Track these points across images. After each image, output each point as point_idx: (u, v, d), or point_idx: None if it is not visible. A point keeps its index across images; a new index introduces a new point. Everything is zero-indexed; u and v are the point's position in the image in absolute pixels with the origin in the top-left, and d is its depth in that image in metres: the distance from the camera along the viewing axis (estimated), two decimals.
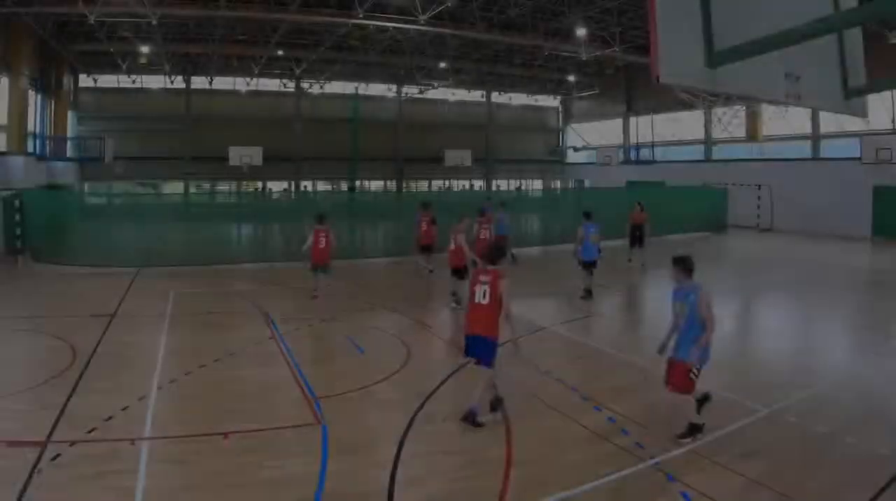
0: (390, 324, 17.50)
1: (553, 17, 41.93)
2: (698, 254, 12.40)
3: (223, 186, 59.41)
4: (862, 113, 8.73)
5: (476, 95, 68.55)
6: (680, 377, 9.73)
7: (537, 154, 72.34)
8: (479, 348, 10.35)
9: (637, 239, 27.61)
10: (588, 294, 20.37)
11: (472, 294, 10.42)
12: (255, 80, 58.86)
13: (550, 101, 72.67)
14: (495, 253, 10.84)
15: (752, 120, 46.22)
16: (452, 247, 19.02)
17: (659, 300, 21.19)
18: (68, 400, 11.14)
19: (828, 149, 44.50)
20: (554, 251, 33.24)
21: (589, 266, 20.34)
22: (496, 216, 25.78)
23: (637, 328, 17.89)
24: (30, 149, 38.24)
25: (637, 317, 19.11)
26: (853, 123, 37.57)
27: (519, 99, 70.46)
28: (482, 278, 10.34)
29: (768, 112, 44.36)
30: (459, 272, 18.74)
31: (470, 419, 10.12)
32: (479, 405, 10.27)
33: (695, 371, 9.65)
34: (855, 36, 8.35)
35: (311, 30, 46.35)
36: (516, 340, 10.72)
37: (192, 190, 57.73)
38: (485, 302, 10.20)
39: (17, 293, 21.68)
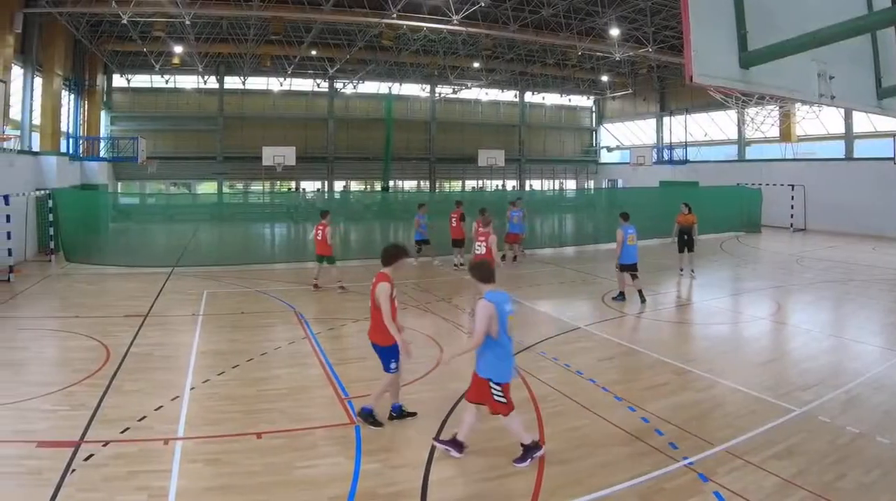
0: (423, 324, 17.47)
1: (586, 17, 41.81)
2: (734, 254, 12.31)
3: (256, 186, 59.86)
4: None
5: (509, 95, 68.42)
6: (477, 389, 9.13)
7: (571, 154, 72.41)
8: (378, 354, 10.62)
9: (686, 243, 24.82)
10: (641, 298, 20.03)
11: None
12: (288, 79, 59.24)
13: (584, 101, 72.50)
14: (385, 255, 10.86)
15: (786, 120, 45.83)
16: (482, 251, 18.69)
17: (694, 301, 21.13)
18: (101, 400, 11.24)
19: (861, 148, 44.18)
20: (588, 251, 33.15)
21: (629, 269, 20.01)
22: (507, 213, 25.89)
23: (671, 328, 17.70)
24: (63, 149, 38.66)
25: (671, 318, 18.94)
26: (887, 123, 37.54)
27: (552, 99, 70.22)
28: (374, 281, 10.56)
29: (801, 112, 43.99)
30: None
31: (366, 416, 10.45)
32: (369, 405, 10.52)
33: (494, 387, 8.92)
34: (889, 35, 8.22)
35: (345, 30, 46.66)
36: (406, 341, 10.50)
37: (226, 190, 58.16)
38: (372, 307, 10.54)
39: (50, 293, 21.87)
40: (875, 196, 39.68)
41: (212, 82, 58.01)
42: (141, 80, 56.34)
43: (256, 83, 59.54)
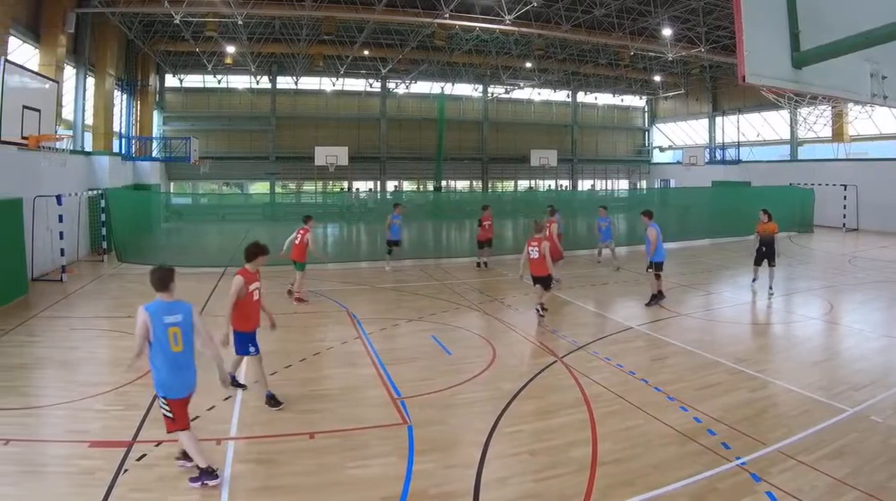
0: (475, 324, 17.47)
1: (639, 17, 41.59)
2: (786, 253, 12.24)
3: (308, 186, 60.28)
4: None
5: (562, 95, 68.39)
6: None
7: (623, 154, 72.26)
8: (235, 339, 11.43)
9: (765, 256, 21.63)
10: (659, 296, 19.96)
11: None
12: (340, 79, 59.56)
13: (636, 101, 72.15)
14: (245, 252, 11.81)
15: (838, 120, 45.27)
16: (536, 255, 17.73)
17: (746, 301, 20.85)
18: (153, 400, 11.28)
19: None
20: (639, 251, 32.92)
21: (661, 267, 19.90)
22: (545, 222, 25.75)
23: (724, 328, 17.48)
24: (116, 149, 39.20)
25: (724, 318, 18.71)
26: None
27: (605, 99, 70.00)
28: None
29: (854, 112, 43.41)
30: (543, 281, 17.76)
31: (269, 401, 11.21)
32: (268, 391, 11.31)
33: (161, 401, 8.67)
34: None
35: (397, 30, 46.79)
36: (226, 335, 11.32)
37: (278, 190, 58.65)
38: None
39: (102, 293, 22.16)
40: None
41: (264, 82, 58.61)
42: (193, 80, 57.11)
43: (309, 83, 59.97)
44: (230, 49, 48.00)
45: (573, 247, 31.18)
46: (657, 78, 59.97)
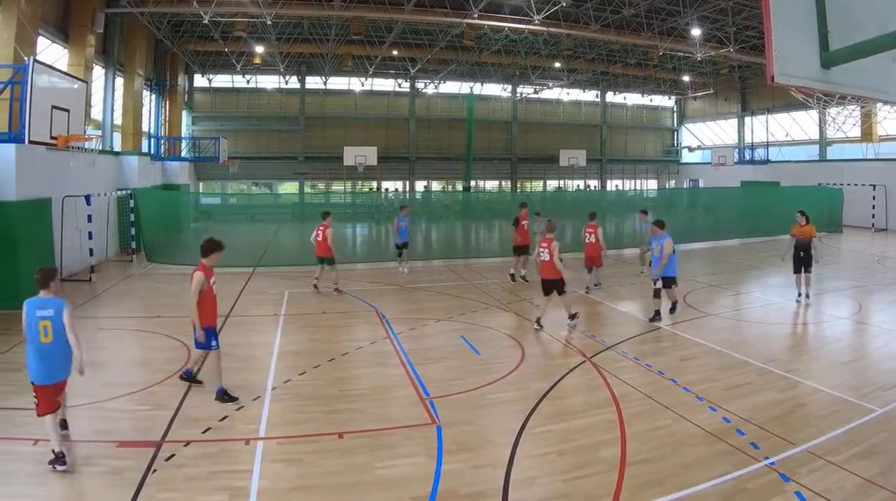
0: (504, 324, 17.43)
1: (668, 17, 41.50)
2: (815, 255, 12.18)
3: (337, 186, 60.49)
4: None
5: (591, 95, 68.33)
6: None
7: (652, 154, 72.29)
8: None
9: (803, 262, 19.86)
10: (658, 315, 17.94)
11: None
12: (369, 79, 59.82)
13: (665, 101, 72.29)
14: (202, 248, 12.07)
15: (867, 120, 45.05)
16: (547, 257, 16.66)
17: (775, 301, 20.70)
18: (183, 400, 11.39)
19: None
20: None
21: (673, 282, 18.26)
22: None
23: (752, 328, 17.38)
24: (144, 149, 39.53)
25: (753, 318, 18.58)
26: None
27: (633, 98, 70.09)
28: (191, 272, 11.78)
29: (883, 112, 43.12)
30: (556, 285, 16.74)
31: (220, 397, 11.32)
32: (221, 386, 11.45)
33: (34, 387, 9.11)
34: None
35: (426, 30, 46.94)
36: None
37: (307, 190, 58.87)
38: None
39: (131, 293, 22.29)
40: None
41: (293, 82, 58.98)
42: (222, 80, 57.58)
43: (338, 83, 60.27)
44: (259, 49, 48.39)
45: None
46: (686, 78, 59.90)
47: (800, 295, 19.97)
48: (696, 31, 41.62)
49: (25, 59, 19.28)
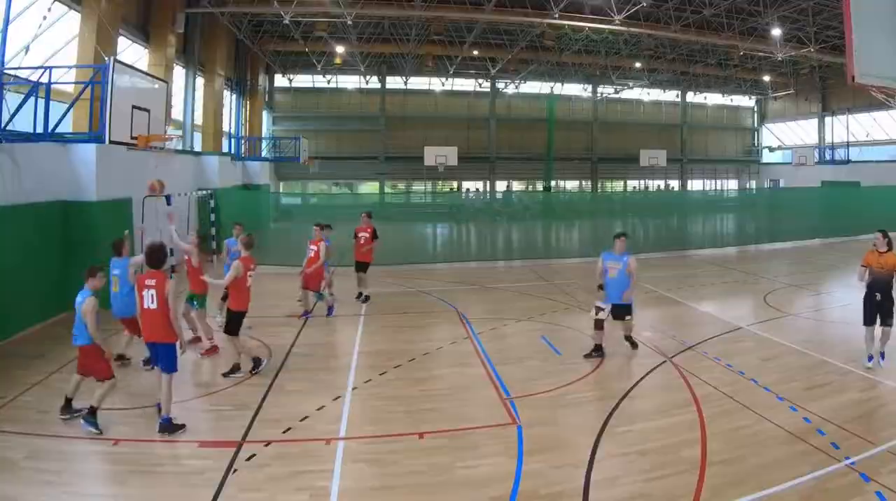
0: (585, 325, 17.21)
1: (748, 17, 40.99)
2: None
3: (418, 186, 60.82)
4: None
5: (671, 95, 67.96)
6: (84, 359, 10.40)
7: (732, 154, 71.61)
8: (160, 354, 10.62)
9: (878, 307, 13.51)
10: (600, 350, 14.44)
11: (141, 299, 10.66)
12: (450, 79, 60.08)
13: (745, 101, 71.64)
14: (154, 256, 11.14)
15: None
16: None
17: (855, 301, 20.26)
18: (263, 400, 11.52)
19: None
20: (749, 251, 32.64)
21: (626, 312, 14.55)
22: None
23: (833, 328, 17.18)
24: (225, 148, 40.20)
25: (833, 318, 18.22)
26: None
27: (714, 98, 69.63)
28: (148, 282, 10.64)
29: None
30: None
31: (164, 429, 10.17)
32: (167, 414, 10.31)
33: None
34: None
35: (507, 30, 46.93)
36: (183, 342, 11.01)
37: (387, 190, 59.24)
38: (153, 306, 10.55)
39: (211, 293, 22.50)
40: None
41: (373, 82, 59.50)
42: (303, 80, 58.35)
43: (418, 83, 60.64)
44: (339, 49, 48.81)
45: (683, 245, 31.83)
46: (766, 78, 59.33)
47: (870, 357, 13.54)
48: (776, 31, 41.04)
49: (106, 59, 19.61)
